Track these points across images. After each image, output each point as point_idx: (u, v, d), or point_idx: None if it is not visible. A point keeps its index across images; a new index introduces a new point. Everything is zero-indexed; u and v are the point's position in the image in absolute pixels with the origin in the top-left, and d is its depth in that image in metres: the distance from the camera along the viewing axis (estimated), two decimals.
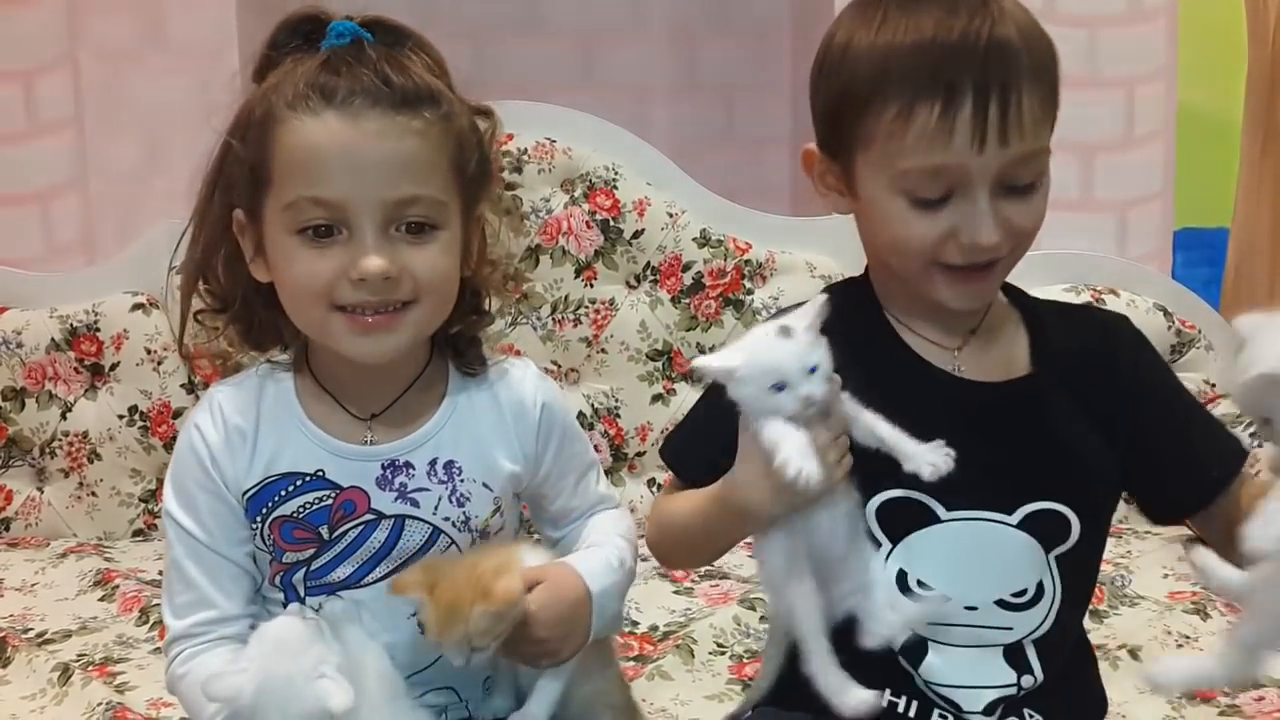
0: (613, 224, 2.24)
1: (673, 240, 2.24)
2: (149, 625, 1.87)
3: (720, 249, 2.25)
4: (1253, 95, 2.36)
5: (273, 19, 1.26)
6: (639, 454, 2.24)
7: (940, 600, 1.21)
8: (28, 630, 1.89)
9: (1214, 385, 2.19)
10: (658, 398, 2.24)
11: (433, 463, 1.27)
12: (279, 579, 1.28)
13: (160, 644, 1.58)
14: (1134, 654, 1.75)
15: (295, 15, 1.24)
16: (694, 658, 1.78)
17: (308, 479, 1.26)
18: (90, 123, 2.33)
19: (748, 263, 2.25)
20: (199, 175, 1.26)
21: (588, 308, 2.24)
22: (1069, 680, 1.26)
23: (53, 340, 2.20)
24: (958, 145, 1.15)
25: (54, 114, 2.31)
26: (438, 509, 1.27)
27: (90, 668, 1.77)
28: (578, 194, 2.25)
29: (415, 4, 1.65)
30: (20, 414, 2.21)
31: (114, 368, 2.21)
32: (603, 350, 2.24)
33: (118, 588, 1.99)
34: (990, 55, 1.15)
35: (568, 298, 2.24)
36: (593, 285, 2.24)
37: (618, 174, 2.25)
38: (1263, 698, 1.64)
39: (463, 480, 1.28)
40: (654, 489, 2.21)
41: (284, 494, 1.26)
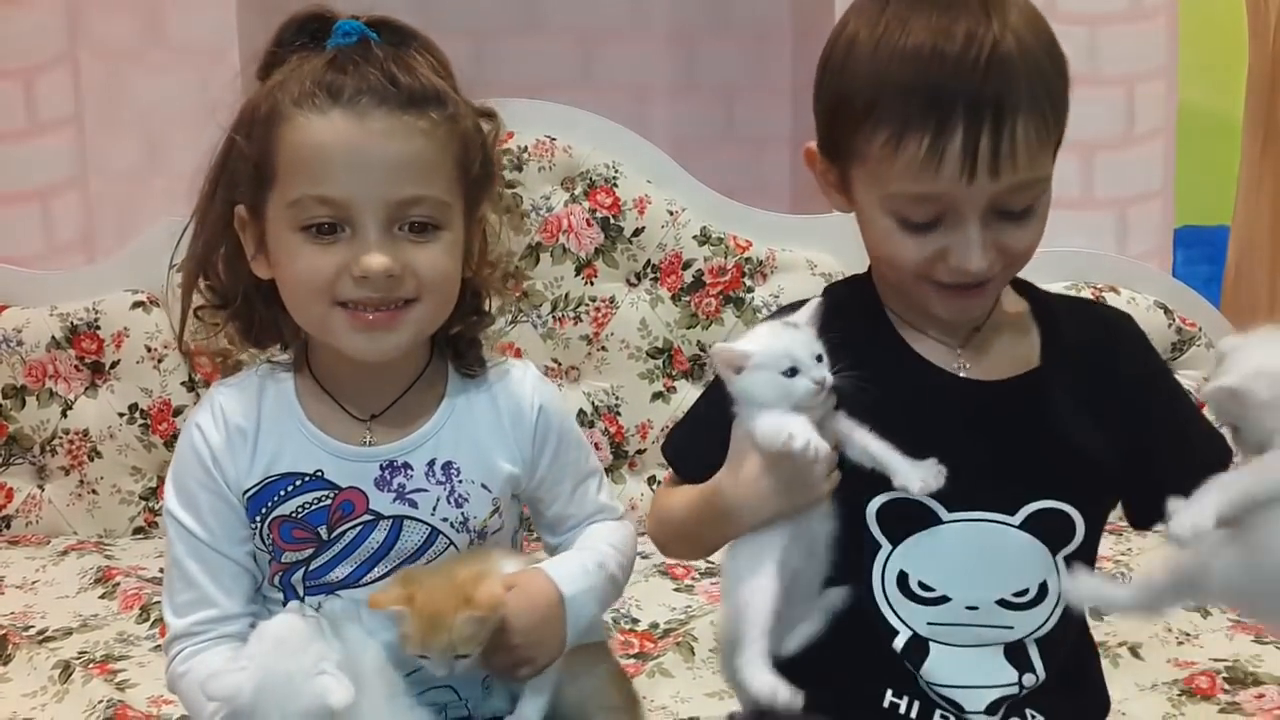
0: (613, 222, 2.24)
1: (673, 238, 2.24)
2: (150, 623, 1.87)
3: (720, 247, 2.25)
4: (1253, 93, 2.36)
5: (273, 18, 1.25)
6: (639, 451, 2.24)
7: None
8: (28, 628, 1.89)
9: None
10: (658, 395, 2.24)
11: (431, 464, 1.27)
12: (278, 579, 1.28)
13: (161, 642, 1.58)
14: (1135, 651, 1.75)
15: (301, 13, 1.24)
16: (694, 655, 1.78)
17: (307, 479, 1.26)
18: (90, 122, 2.33)
19: (748, 260, 2.24)
20: (199, 173, 1.26)
21: (588, 306, 2.24)
22: (1072, 679, 1.26)
23: (53, 338, 2.20)
24: (946, 175, 1.12)
25: (54, 113, 2.31)
26: (436, 510, 1.27)
27: (91, 665, 1.77)
28: (578, 192, 2.25)
29: (415, 3, 1.65)
30: (21, 412, 2.21)
31: (114, 366, 2.21)
32: (603, 348, 2.24)
33: (118, 585, 1.99)
34: (985, 82, 1.11)
35: (568, 296, 2.24)
36: (593, 283, 2.24)
37: (618, 172, 2.25)
38: (1263, 695, 1.64)
39: (461, 481, 1.28)
40: (654, 487, 2.21)
41: (283, 494, 1.26)
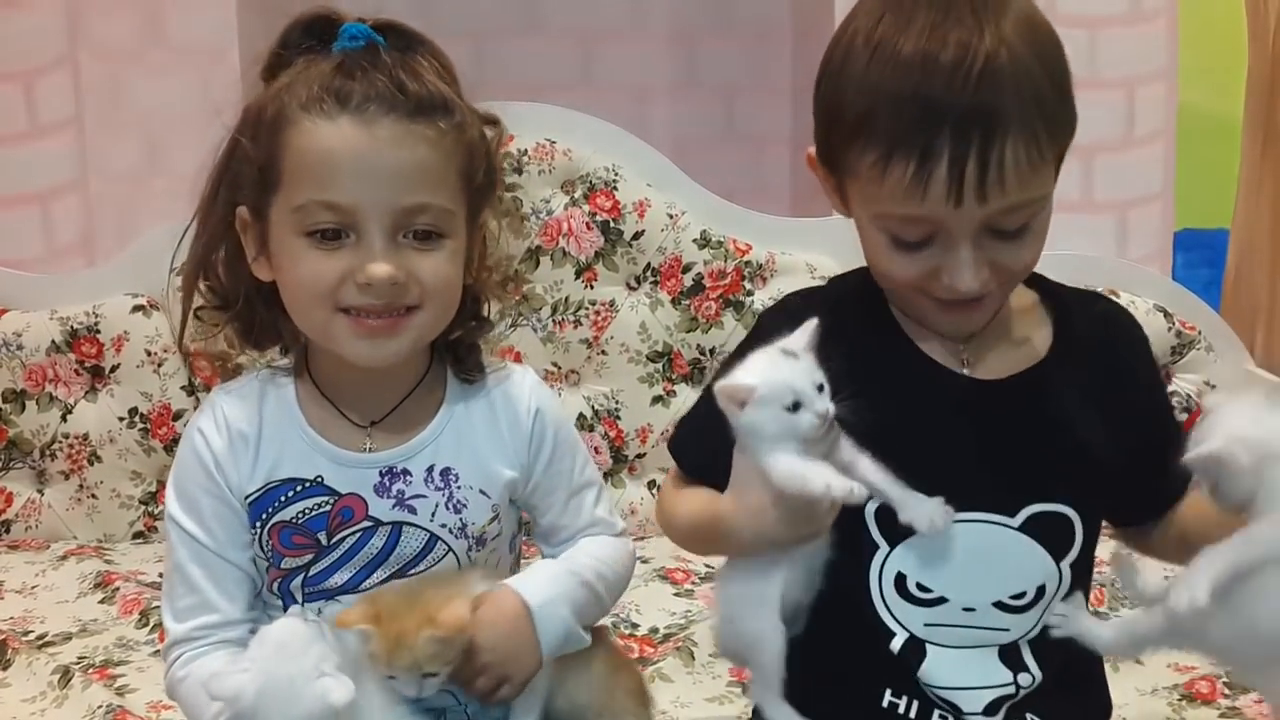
0: (613, 225, 2.24)
1: (673, 241, 2.24)
2: (149, 628, 1.87)
3: (720, 250, 2.24)
4: (1253, 96, 2.35)
5: (273, 19, 1.25)
6: (639, 456, 2.24)
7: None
8: (28, 633, 1.88)
9: (1214, 386, 2.18)
10: (658, 399, 2.24)
11: (430, 470, 1.27)
12: (276, 585, 1.28)
13: (160, 647, 1.58)
14: None
15: (307, 15, 1.24)
16: (694, 660, 1.78)
17: (307, 485, 1.26)
18: (90, 123, 2.32)
19: (748, 264, 2.24)
20: (200, 176, 1.26)
21: (588, 309, 2.24)
22: (1074, 681, 1.26)
23: (53, 342, 2.20)
24: (933, 199, 1.10)
25: (54, 114, 2.30)
26: (435, 516, 1.27)
27: (90, 670, 1.77)
28: (578, 195, 2.24)
29: (415, 4, 1.65)
30: (20, 416, 2.21)
31: (114, 370, 2.20)
32: (603, 352, 2.24)
33: (118, 590, 1.99)
34: (974, 99, 1.09)
35: (568, 299, 2.24)
36: (593, 287, 2.24)
37: (618, 175, 2.25)
38: (1263, 700, 1.64)
39: (460, 487, 1.27)
40: (654, 491, 2.20)
41: (284, 499, 1.26)
